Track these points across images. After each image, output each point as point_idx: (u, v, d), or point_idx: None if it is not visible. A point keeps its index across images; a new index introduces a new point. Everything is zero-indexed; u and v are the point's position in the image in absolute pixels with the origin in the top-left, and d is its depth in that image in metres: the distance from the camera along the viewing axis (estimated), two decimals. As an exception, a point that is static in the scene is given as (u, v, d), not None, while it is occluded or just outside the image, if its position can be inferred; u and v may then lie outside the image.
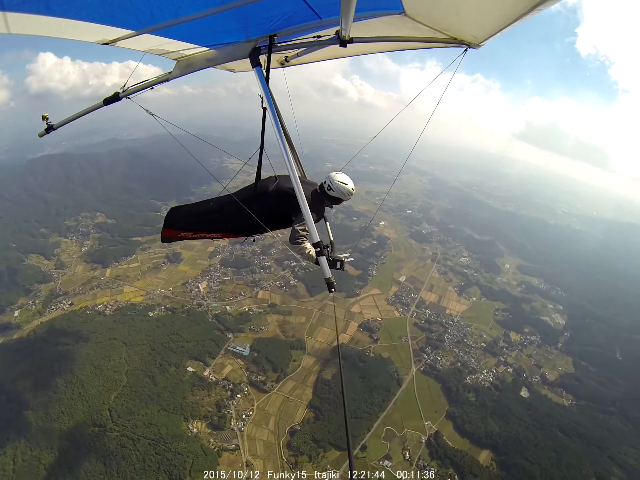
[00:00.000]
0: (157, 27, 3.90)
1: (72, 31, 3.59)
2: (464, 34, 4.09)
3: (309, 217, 4.90)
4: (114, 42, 4.11)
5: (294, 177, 4.74)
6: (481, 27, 3.74)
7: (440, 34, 4.23)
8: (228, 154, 10.42)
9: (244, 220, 5.88)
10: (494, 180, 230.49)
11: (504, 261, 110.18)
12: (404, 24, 4.22)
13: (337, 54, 6.19)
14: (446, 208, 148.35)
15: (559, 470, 48.98)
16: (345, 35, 4.13)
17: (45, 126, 5.60)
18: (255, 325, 69.16)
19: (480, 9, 3.31)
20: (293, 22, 4.48)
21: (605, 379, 67.96)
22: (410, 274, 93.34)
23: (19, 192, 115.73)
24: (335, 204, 6.49)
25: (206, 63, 5.08)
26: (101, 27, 3.64)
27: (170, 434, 48.16)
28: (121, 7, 3.42)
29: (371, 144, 8.62)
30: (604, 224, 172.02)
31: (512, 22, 3.03)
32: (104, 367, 55.31)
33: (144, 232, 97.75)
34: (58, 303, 70.41)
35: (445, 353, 68.99)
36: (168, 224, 6.62)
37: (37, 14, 3.04)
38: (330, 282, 5.35)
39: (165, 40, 4.35)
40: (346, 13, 3.23)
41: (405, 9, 3.86)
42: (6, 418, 47.84)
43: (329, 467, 48.01)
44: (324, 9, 4.08)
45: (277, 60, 6.56)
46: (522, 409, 58.42)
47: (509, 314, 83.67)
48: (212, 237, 6.73)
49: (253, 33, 4.65)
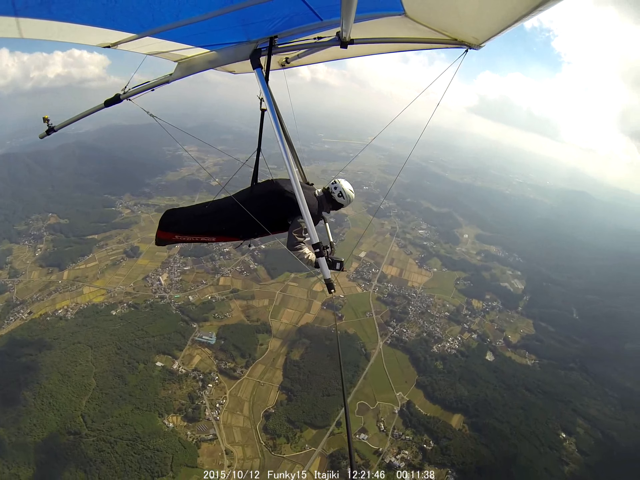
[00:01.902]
0: (158, 30, 3.95)
1: (74, 35, 3.65)
2: (464, 34, 4.11)
3: (309, 219, 4.91)
4: (116, 45, 4.18)
5: (294, 179, 4.73)
6: (482, 28, 3.78)
7: (441, 34, 4.25)
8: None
9: (238, 224, 5.94)
10: (450, 154, 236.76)
11: (463, 231, 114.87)
12: (404, 25, 4.26)
13: (337, 55, 6.15)
14: (403, 182, 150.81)
15: (527, 426, 53.28)
16: (346, 37, 4.14)
17: (46, 128, 5.51)
18: (219, 313, 69.49)
19: (481, 10, 3.32)
20: (294, 23, 4.51)
21: (565, 338, 73.48)
22: (370, 249, 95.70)
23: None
24: (335, 209, 6.58)
25: (207, 65, 5.11)
26: (102, 31, 3.71)
27: (146, 431, 48.42)
28: (122, 10, 3.45)
29: (325, 123, 8.66)
30: (557, 192, 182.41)
31: (513, 23, 3.07)
32: (71, 373, 54.29)
33: (100, 229, 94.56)
34: (16, 313, 67.12)
35: (411, 324, 71.90)
36: (162, 227, 6.40)
37: (40, 19, 3.10)
38: (330, 283, 5.37)
39: (166, 42, 4.42)
40: (347, 14, 3.24)
41: (406, 10, 3.91)
42: (-23, 438, 46.36)
43: (307, 446, 50.04)
44: (325, 11, 4.13)
45: (277, 61, 6.54)
46: (489, 372, 62.37)
47: (470, 282, 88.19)
48: (207, 240, 6.49)
49: (254, 35, 4.69)
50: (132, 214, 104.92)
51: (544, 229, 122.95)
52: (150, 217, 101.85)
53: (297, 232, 5.98)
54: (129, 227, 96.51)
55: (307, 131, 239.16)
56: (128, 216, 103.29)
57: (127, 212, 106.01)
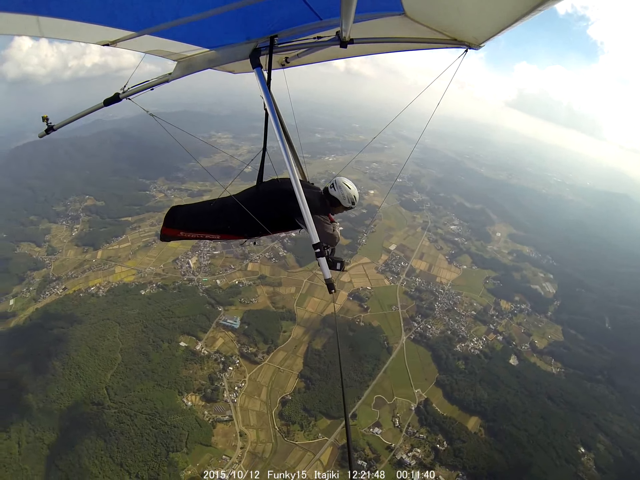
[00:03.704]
0: (158, 28, 3.91)
1: (73, 32, 3.59)
2: (464, 34, 4.06)
3: (308, 217, 4.86)
4: (115, 43, 4.10)
5: (294, 178, 4.71)
6: (482, 27, 3.72)
7: (441, 34, 4.21)
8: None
9: (243, 222, 5.84)
10: (486, 149, 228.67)
11: (495, 229, 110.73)
12: (404, 25, 4.21)
13: (337, 54, 6.14)
14: (437, 176, 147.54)
15: (546, 436, 50.80)
16: (346, 36, 4.10)
17: (46, 127, 5.50)
18: (245, 298, 70.10)
19: (481, 10, 3.29)
20: (294, 23, 4.48)
21: (594, 348, 69.27)
22: (401, 243, 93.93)
23: (5, 181, 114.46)
24: (334, 206, 6.34)
25: (207, 64, 5.06)
26: (101, 28, 3.63)
27: (165, 408, 49.81)
28: (121, 8, 3.43)
29: (360, 114, 8.49)
30: (596, 194, 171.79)
31: (513, 23, 3.01)
32: (99, 347, 56.44)
33: (133, 211, 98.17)
34: (52, 288, 70.98)
35: (436, 321, 70.18)
36: (168, 223, 6.38)
37: (37, 15, 3.04)
38: (331, 283, 5.27)
39: (165, 41, 4.35)
40: (346, 14, 3.22)
41: (406, 9, 3.88)
42: (8, 403, 49.03)
43: (320, 435, 50.01)
44: (325, 10, 4.09)
45: (277, 61, 6.49)
46: (511, 376, 59.89)
47: (500, 282, 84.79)
48: (211, 238, 6.48)
49: (254, 34, 4.62)
50: (165, 197, 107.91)
51: (580, 232, 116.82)
52: (183, 201, 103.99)
53: (325, 222, 5.92)
54: (161, 211, 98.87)
55: (339, 123, 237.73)
56: (161, 200, 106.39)
57: (161, 195, 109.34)
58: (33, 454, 44.57)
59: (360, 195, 75.10)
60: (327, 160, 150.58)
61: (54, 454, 44.71)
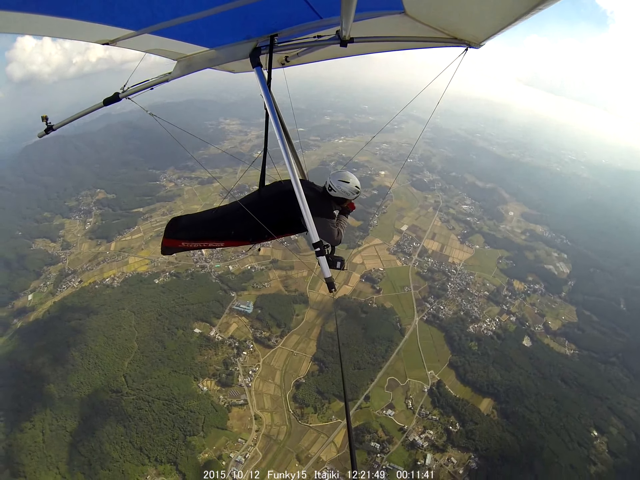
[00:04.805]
0: (158, 27, 3.89)
1: (72, 31, 3.58)
2: (464, 33, 4.10)
3: (308, 216, 4.86)
4: (115, 42, 4.08)
5: (293, 177, 4.71)
6: (482, 26, 3.76)
7: (441, 33, 4.24)
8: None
9: (246, 227, 5.78)
10: (498, 127, 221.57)
11: (508, 209, 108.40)
12: (404, 24, 4.22)
13: (337, 53, 6.17)
14: (448, 156, 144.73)
15: (558, 419, 50.45)
16: (346, 35, 4.09)
17: (45, 127, 5.48)
18: (257, 283, 70.74)
19: (481, 9, 3.32)
20: (294, 21, 4.47)
21: (609, 329, 67.84)
22: (412, 223, 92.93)
23: (17, 180, 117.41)
24: (340, 204, 6.30)
25: (207, 63, 5.04)
26: (101, 27, 3.61)
27: (182, 393, 51.05)
28: (121, 7, 3.40)
29: (369, 95, 8.35)
30: (612, 172, 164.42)
31: (513, 22, 3.04)
32: (116, 337, 57.86)
33: (145, 202, 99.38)
34: (68, 282, 72.90)
35: (448, 302, 69.74)
36: (168, 235, 6.29)
37: (37, 14, 2.99)
38: (331, 281, 5.35)
39: (165, 40, 4.33)
40: (347, 13, 3.22)
41: (406, 8, 3.87)
42: (31, 393, 51.05)
43: (334, 417, 50.65)
44: (325, 9, 4.08)
45: (277, 60, 6.47)
46: (524, 358, 59.33)
47: (513, 262, 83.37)
48: (215, 246, 6.40)
49: (254, 33, 4.60)
50: (176, 187, 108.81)
51: (595, 211, 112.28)
52: (193, 189, 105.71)
53: (332, 225, 5.96)
54: (172, 200, 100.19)
55: (348, 104, 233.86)
56: (172, 189, 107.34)
57: (171, 185, 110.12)
58: (56, 441, 46.29)
59: (371, 176, 74.03)
60: (336, 143, 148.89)
61: (76, 440, 46.39)
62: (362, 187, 6.28)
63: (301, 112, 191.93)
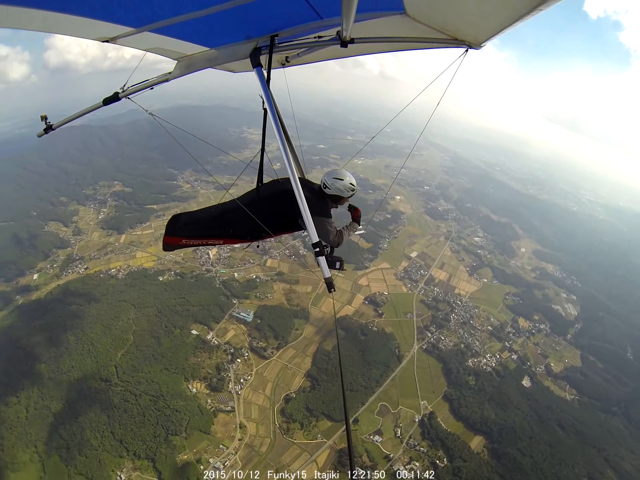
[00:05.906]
0: (158, 25, 3.87)
1: (71, 27, 3.57)
2: (465, 34, 4.07)
3: (307, 216, 4.89)
4: (114, 39, 4.06)
5: (293, 177, 4.72)
6: (483, 27, 3.73)
7: (441, 34, 4.21)
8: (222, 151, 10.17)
9: (245, 226, 5.84)
10: (518, 162, 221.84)
11: (520, 245, 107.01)
12: (405, 25, 4.21)
13: (337, 54, 6.16)
14: (465, 186, 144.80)
15: (551, 465, 48.48)
16: (346, 36, 4.08)
17: (44, 126, 5.59)
18: (261, 293, 70.43)
19: (482, 10, 3.28)
20: (294, 22, 4.47)
21: (613, 377, 65.68)
22: (422, 250, 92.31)
23: (40, 163, 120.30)
24: (336, 202, 6.26)
25: (207, 63, 5.05)
26: (101, 24, 3.59)
27: (170, 392, 50.52)
28: (121, 3, 3.39)
29: (391, 117, 8.52)
30: (630, 216, 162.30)
31: (514, 22, 3.00)
32: (113, 327, 57.93)
33: (159, 200, 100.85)
34: (74, 267, 73.82)
35: (450, 333, 68.42)
36: (169, 232, 6.37)
37: (35, 8, 2.95)
38: (330, 282, 5.36)
39: (165, 39, 4.33)
40: (347, 13, 3.20)
41: (407, 9, 3.86)
42: (22, 370, 51.23)
43: (320, 436, 49.40)
44: (325, 9, 4.07)
45: (277, 60, 6.48)
46: (522, 398, 57.65)
47: (520, 299, 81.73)
48: (214, 243, 6.55)
49: (254, 33, 4.61)
50: (192, 188, 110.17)
51: (609, 254, 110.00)
52: (208, 193, 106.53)
53: (329, 224, 5.92)
54: (187, 201, 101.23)
55: (372, 124, 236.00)
56: (187, 190, 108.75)
57: (187, 186, 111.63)
58: (39, 420, 46.22)
59: (386, 200, 73.64)
60: (355, 163, 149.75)
61: (58, 422, 46.22)
62: (376, 210, 6.20)
63: (324, 129, 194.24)
